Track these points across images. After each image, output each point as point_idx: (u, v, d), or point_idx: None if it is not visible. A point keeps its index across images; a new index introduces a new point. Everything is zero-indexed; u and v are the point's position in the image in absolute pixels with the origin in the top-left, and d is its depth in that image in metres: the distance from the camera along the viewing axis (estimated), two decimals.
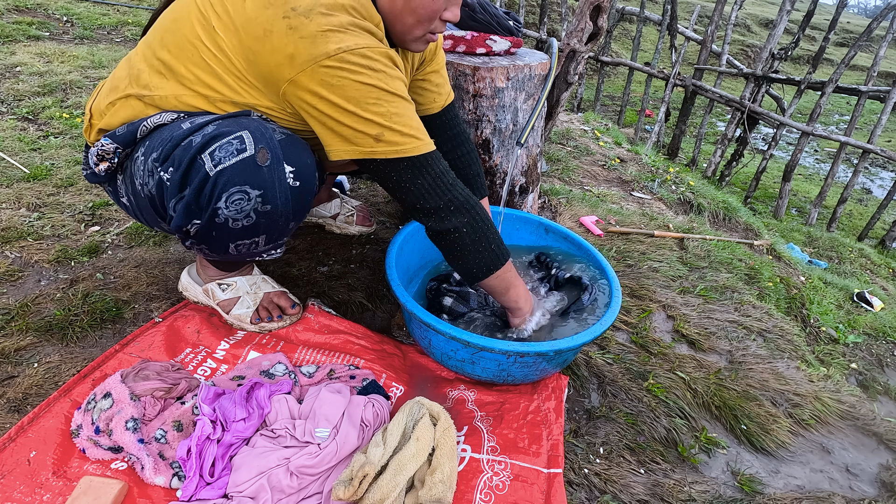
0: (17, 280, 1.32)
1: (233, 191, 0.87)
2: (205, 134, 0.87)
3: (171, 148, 0.89)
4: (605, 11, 1.61)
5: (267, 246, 1.00)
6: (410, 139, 0.93)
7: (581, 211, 2.05)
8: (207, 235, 0.93)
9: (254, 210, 0.90)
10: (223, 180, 0.86)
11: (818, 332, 1.76)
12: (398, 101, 0.91)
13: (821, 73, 8.95)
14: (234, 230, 0.92)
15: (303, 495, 0.87)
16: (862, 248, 3.48)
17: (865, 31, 3.65)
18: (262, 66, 0.88)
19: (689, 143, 5.71)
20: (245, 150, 0.86)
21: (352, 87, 0.86)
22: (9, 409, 0.99)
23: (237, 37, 0.88)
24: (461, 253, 1.03)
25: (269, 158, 0.87)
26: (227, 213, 0.89)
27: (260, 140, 0.87)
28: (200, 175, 0.86)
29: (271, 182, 0.89)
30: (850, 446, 1.21)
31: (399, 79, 0.93)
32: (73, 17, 3.99)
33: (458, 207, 1.00)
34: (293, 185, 0.91)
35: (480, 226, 1.02)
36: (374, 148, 0.91)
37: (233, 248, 0.97)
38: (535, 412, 1.09)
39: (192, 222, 0.90)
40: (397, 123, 0.91)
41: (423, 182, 0.96)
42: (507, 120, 1.43)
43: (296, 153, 0.92)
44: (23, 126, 2.20)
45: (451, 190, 0.99)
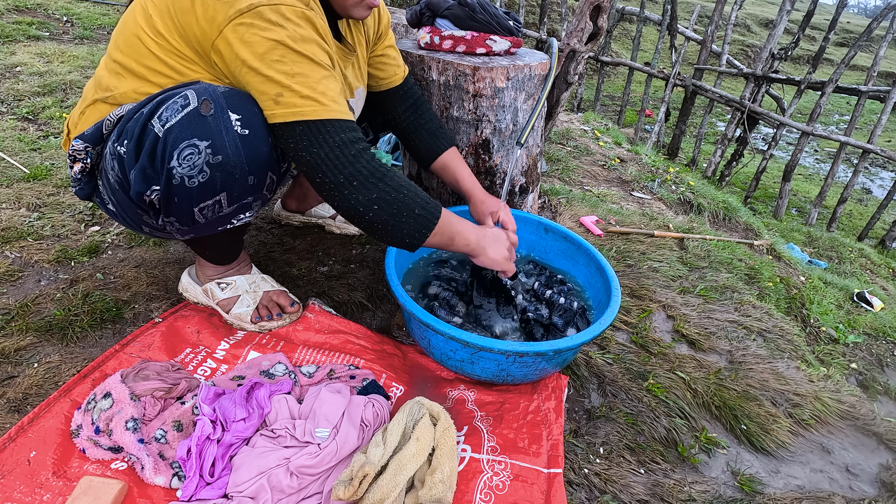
0: (17, 280, 1.32)
1: (182, 146, 0.86)
2: (153, 102, 0.89)
3: (124, 123, 0.91)
4: (605, 11, 1.61)
5: (231, 207, 0.96)
6: (310, 102, 0.89)
7: (581, 211, 2.05)
8: (170, 202, 0.91)
9: (206, 163, 0.88)
10: (172, 137, 0.86)
11: (818, 332, 1.76)
12: (304, 62, 0.89)
13: (821, 73, 8.94)
14: (192, 190, 0.89)
15: (303, 495, 0.87)
16: (862, 248, 3.48)
17: (865, 31, 3.65)
18: (192, 37, 0.90)
19: (689, 143, 5.71)
20: (189, 105, 0.86)
21: (260, 43, 0.86)
22: (9, 409, 0.99)
23: (169, 16, 0.90)
24: (383, 229, 0.97)
25: (212, 108, 0.87)
26: (182, 171, 0.87)
27: (202, 93, 0.87)
28: (151, 138, 0.87)
29: (217, 130, 0.87)
30: (850, 446, 1.21)
31: (314, 41, 0.91)
32: (73, 17, 3.99)
33: (362, 182, 0.92)
34: (241, 132, 0.89)
35: (394, 196, 0.95)
36: (273, 111, 0.89)
37: (198, 215, 0.94)
38: (535, 412, 1.09)
39: (151, 188, 0.90)
40: (299, 83, 0.88)
41: (319, 151, 0.91)
42: (507, 120, 1.43)
43: (240, 102, 0.90)
44: (23, 126, 2.20)
45: (353, 162, 0.91)
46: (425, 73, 1.40)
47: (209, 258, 1.21)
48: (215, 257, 1.21)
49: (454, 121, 1.43)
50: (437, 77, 1.38)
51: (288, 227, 1.69)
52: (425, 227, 0.99)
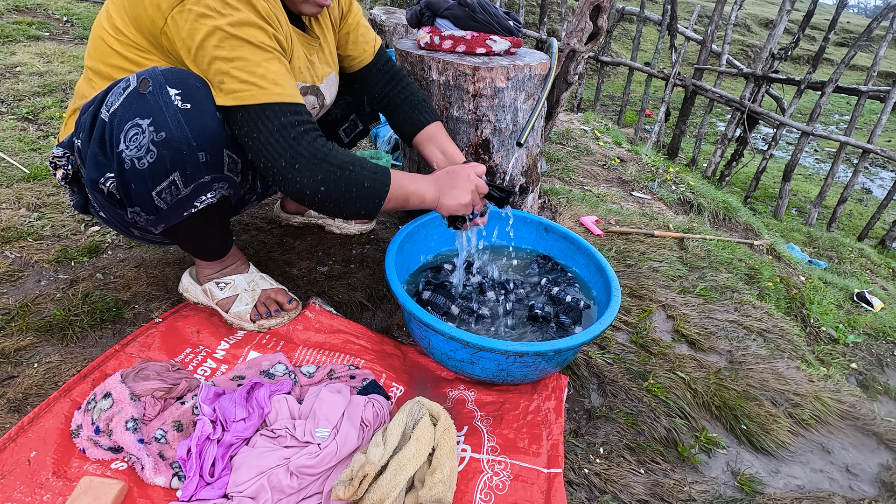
0: (17, 280, 1.32)
1: (127, 127, 0.86)
2: (102, 92, 0.91)
3: (79, 117, 0.93)
4: (605, 11, 1.61)
5: (189, 188, 0.93)
6: (249, 86, 0.89)
7: (581, 211, 2.05)
8: (128, 189, 0.91)
9: (151, 142, 0.87)
10: (116, 120, 0.87)
11: (818, 332, 1.76)
12: (244, 46, 0.88)
13: (821, 73, 8.95)
14: (145, 172, 0.89)
15: (303, 495, 0.87)
16: (862, 248, 3.48)
17: (865, 31, 3.65)
18: (144, 27, 0.92)
19: (689, 143, 5.71)
20: (129, 86, 0.88)
21: (199, 30, 0.87)
22: (9, 409, 0.99)
23: (125, 10, 0.93)
24: (335, 207, 0.97)
25: (150, 85, 0.87)
26: (130, 154, 0.87)
27: (142, 73, 0.88)
28: (99, 124, 0.89)
29: (157, 107, 0.87)
30: (850, 446, 1.21)
31: (253, 24, 0.89)
32: (73, 17, 3.99)
33: (304, 164, 0.92)
34: (182, 106, 0.88)
35: (341, 174, 0.95)
36: (217, 96, 0.90)
37: (158, 199, 0.92)
38: (535, 412, 1.09)
39: (106, 175, 0.90)
40: (238, 68, 0.88)
41: (259, 136, 0.91)
42: (507, 120, 1.43)
43: (180, 77, 0.89)
44: (23, 126, 2.20)
45: (294, 145, 0.91)
46: (425, 73, 1.40)
47: (196, 254, 1.20)
48: (201, 252, 1.19)
49: (454, 121, 1.43)
50: (437, 77, 1.38)
51: (288, 227, 1.69)
52: (377, 197, 1.00)
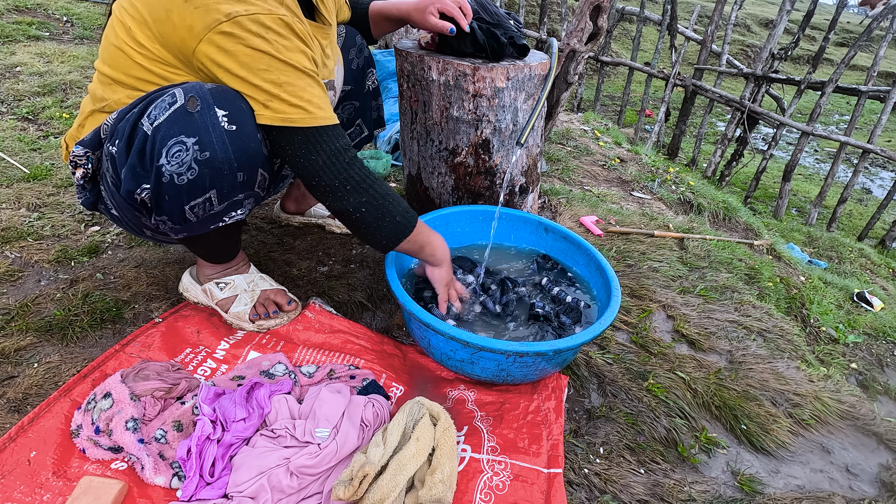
0: (17, 280, 1.32)
1: (171, 143, 0.87)
2: (143, 102, 0.91)
3: (115, 124, 0.92)
4: (605, 11, 1.61)
5: (222, 205, 0.97)
6: (298, 110, 0.93)
7: (581, 211, 2.05)
8: (161, 201, 0.92)
9: (194, 160, 0.88)
10: (160, 135, 0.87)
11: (818, 332, 1.76)
12: (290, 71, 0.92)
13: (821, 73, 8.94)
14: (182, 187, 0.90)
15: (303, 495, 0.87)
16: (862, 248, 3.48)
17: (865, 31, 3.65)
18: (172, 45, 0.92)
19: (689, 143, 5.71)
20: (176, 103, 0.87)
21: (243, 53, 0.89)
22: (9, 409, 0.99)
23: (147, 26, 0.92)
24: (365, 230, 1.06)
25: (199, 104, 0.88)
26: (170, 169, 0.88)
27: (190, 91, 0.88)
28: (140, 136, 0.88)
29: (204, 127, 0.88)
30: (850, 446, 1.21)
31: (297, 49, 0.93)
32: (73, 17, 3.99)
33: (354, 187, 1.01)
34: (228, 128, 0.90)
35: (380, 202, 1.04)
36: (262, 112, 0.93)
37: (189, 213, 0.94)
38: (535, 412, 1.09)
39: (142, 186, 0.90)
40: (287, 93, 0.92)
41: (317, 159, 0.97)
42: (507, 120, 1.43)
43: (227, 98, 0.91)
44: (23, 126, 2.20)
45: (347, 169, 0.99)
46: (425, 72, 1.40)
47: (205, 257, 1.21)
48: (211, 256, 1.21)
49: (454, 121, 1.43)
50: (437, 77, 1.38)
51: (288, 227, 1.69)
52: (401, 234, 1.09)
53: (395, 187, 2.04)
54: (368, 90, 1.47)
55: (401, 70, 1.49)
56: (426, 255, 1.17)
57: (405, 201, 1.09)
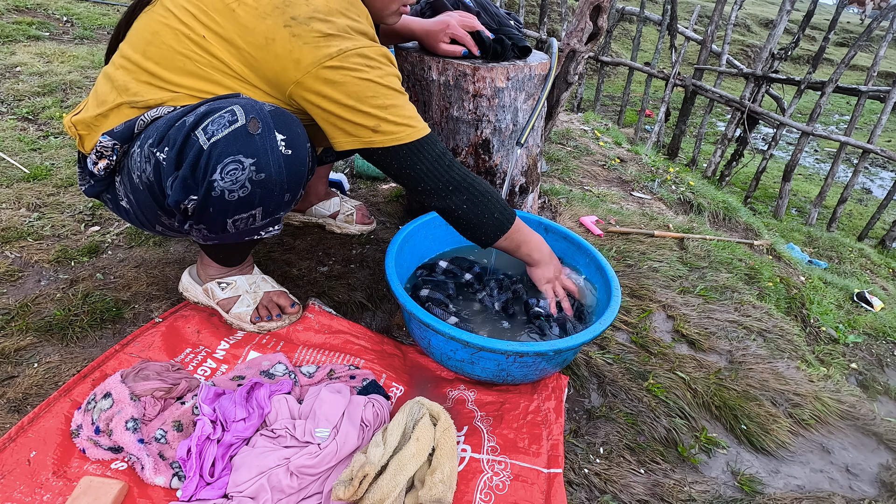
0: (17, 280, 1.32)
1: (227, 161, 0.88)
2: (197, 112, 0.91)
3: (165, 129, 0.92)
4: (605, 11, 1.61)
5: (264, 221, 1.00)
6: (404, 128, 1.00)
7: (581, 211, 2.05)
8: (204, 212, 0.93)
9: (248, 179, 0.90)
10: (217, 152, 0.88)
11: (818, 332, 1.76)
12: (393, 94, 0.98)
13: (821, 73, 8.94)
14: (231, 203, 0.92)
15: (303, 495, 0.87)
16: (862, 248, 3.48)
17: (865, 31, 3.65)
18: (267, 70, 0.95)
19: (689, 143, 5.71)
20: (237, 122, 0.88)
21: (352, 83, 0.94)
22: (9, 409, 0.99)
23: (233, 45, 0.94)
24: (466, 226, 1.12)
25: (260, 127, 0.89)
26: (223, 185, 0.89)
27: (250, 111, 0.89)
28: (195, 149, 0.88)
29: (264, 150, 0.90)
30: (850, 446, 1.21)
31: (393, 74, 1.01)
32: (73, 17, 3.99)
33: (455, 187, 1.07)
34: (285, 152, 0.92)
35: (480, 200, 1.09)
36: (372, 138, 0.99)
37: (230, 225, 0.97)
38: (535, 412, 1.09)
39: (189, 198, 0.91)
40: (392, 114, 0.98)
41: (421, 167, 1.03)
42: (507, 120, 1.43)
43: (286, 122, 0.93)
44: (23, 126, 2.20)
45: (448, 171, 1.05)
46: (425, 73, 1.40)
47: (221, 261, 1.22)
48: (227, 260, 1.22)
49: (454, 121, 1.43)
50: (437, 77, 1.38)
51: (288, 226, 1.69)
52: (500, 230, 1.13)
53: (396, 187, 2.04)
54: None
55: (400, 70, 1.49)
56: (523, 254, 1.21)
57: (504, 200, 1.15)
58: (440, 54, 1.35)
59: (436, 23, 1.33)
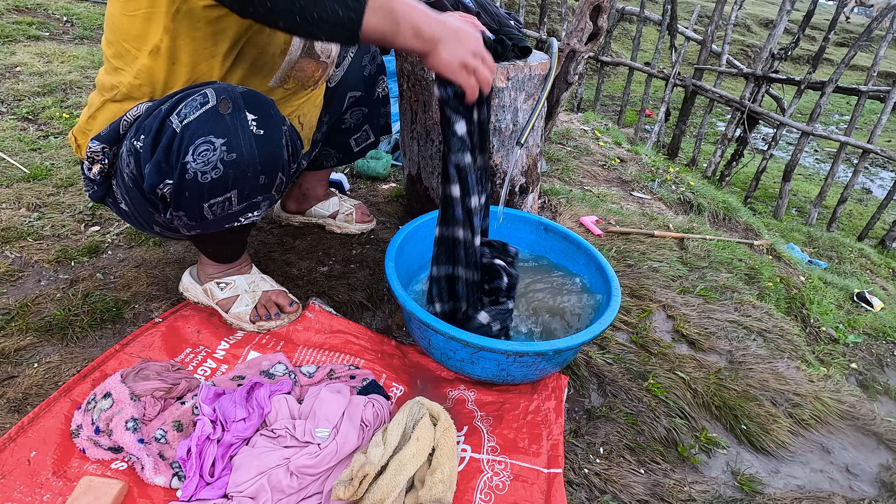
0: (17, 280, 1.32)
1: (198, 142, 0.88)
2: (172, 99, 0.91)
3: (142, 119, 0.93)
4: (605, 11, 1.61)
5: (241, 205, 0.99)
6: None
7: (581, 211, 2.05)
8: (181, 197, 0.93)
9: (220, 160, 0.90)
10: (189, 133, 0.88)
11: (818, 332, 1.76)
12: None
13: (821, 73, 8.93)
14: (205, 185, 0.91)
15: (303, 495, 0.87)
16: (862, 248, 3.48)
17: (865, 31, 3.65)
18: None
19: (689, 143, 5.70)
20: (208, 103, 0.89)
21: None
22: (9, 409, 0.99)
23: None
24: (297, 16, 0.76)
25: (230, 107, 0.89)
26: (195, 167, 0.89)
27: (221, 92, 0.90)
28: (168, 133, 0.89)
29: (234, 129, 0.90)
30: (850, 446, 1.21)
31: None
32: (73, 17, 3.99)
33: None
34: (256, 132, 0.92)
35: None
36: None
37: (207, 210, 0.96)
38: (535, 412, 1.09)
39: (164, 182, 0.91)
40: None
41: None
42: (507, 120, 1.43)
43: (258, 102, 0.93)
44: (23, 126, 2.20)
45: None
46: (425, 72, 1.40)
47: (212, 256, 1.22)
48: (218, 255, 1.22)
49: None
50: None
51: (288, 227, 1.69)
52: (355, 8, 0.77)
53: (396, 187, 2.04)
54: (378, 97, 1.47)
55: (401, 70, 1.49)
56: (406, 35, 0.83)
57: None
58: None
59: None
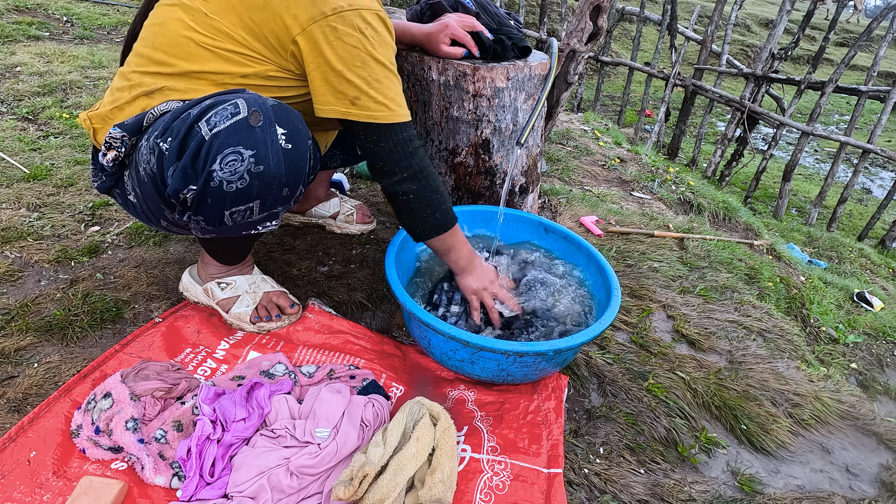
0: (17, 280, 1.32)
1: (227, 152, 0.89)
2: (202, 105, 0.92)
3: (170, 121, 0.94)
4: (605, 11, 1.61)
5: (262, 215, 1.00)
6: (383, 108, 1.00)
7: (581, 211, 2.05)
8: (203, 203, 0.93)
9: (247, 171, 0.91)
10: (218, 142, 0.88)
11: (818, 332, 1.76)
12: (380, 69, 0.99)
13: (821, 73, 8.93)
14: (229, 194, 0.92)
15: (303, 495, 0.87)
16: (862, 248, 3.48)
17: (865, 31, 3.65)
18: (267, 31, 0.97)
19: (689, 143, 5.70)
20: (239, 114, 0.89)
21: (342, 47, 0.95)
22: (9, 409, 0.99)
23: (234, 13, 0.96)
24: (408, 215, 1.12)
25: (261, 120, 0.90)
26: (222, 175, 0.90)
27: (253, 104, 0.91)
28: (196, 140, 0.89)
29: (263, 142, 0.91)
30: (850, 446, 1.21)
31: (389, 45, 1.01)
32: (73, 17, 3.99)
33: (411, 175, 1.07)
34: (285, 146, 0.93)
35: (429, 195, 1.10)
36: (349, 109, 0.99)
37: (228, 217, 0.97)
38: (535, 412, 1.09)
39: (188, 187, 0.92)
40: (375, 90, 0.99)
41: (385, 146, 1.04)
42: (507, 120, 1.43)
43: (287, 117, 0.94)
44: (23, 126, 2.20)
45: (409, 158, 1.05)
46: (425, 73, 1.40)
47: (219, 257, 1.22)
48: (226, 257, 1.22)
49: (454, 121, 1.43)
50: (437, 77, 1.38)
51: (288, 227, 1.69)
52: (438, 230, 1.14)
53: None
54: None
55: (400, 70, 1.49)
56: (451, 259, 1.20)
57: (451, 204, 1.15)
58: (441, 56, 1.35)
59: (435, 25, 1.33)
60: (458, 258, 1.20)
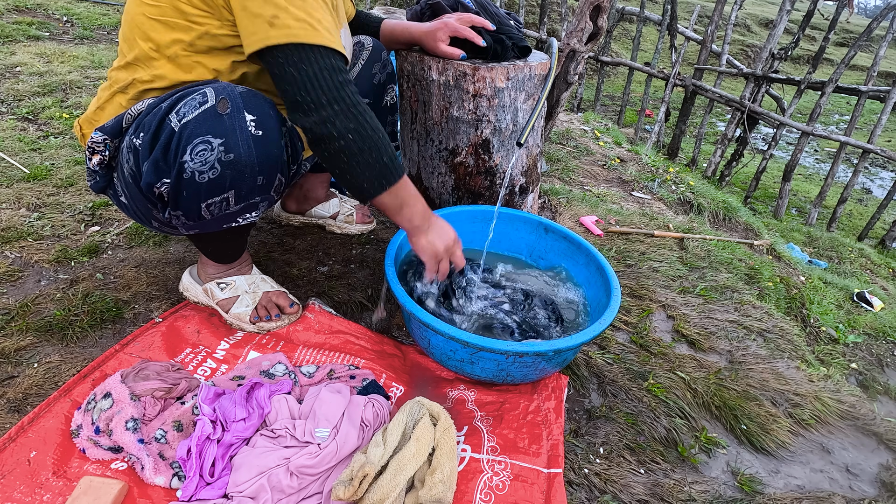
0: (17, 280, 1.32)
1: (196, 142, 0.88)
2: (172, 97, 0.92)
3: (143, 117, 0.93)
4: (605, 11, 1.61)
5: (238, 206, 0.98)
6: (305, 25, 0.88)
7: (581, 211, 2.05)
8: (178, 196, 0.93)
9: (217, 160, 0.90)
10: (187, 133, 0.88)
11: (818, 332, 1.76)
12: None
13: (821, 73, 8.93)
14: (202, 185, 0.91)
15: (303, 495, 0.87)
16: (862, 248, 3.48)
17: (865, 31, 3.65)
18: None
19: (689, 143, 5.71)
20: (207, 102, 0.89)
21: None
22: (9, 409, 0.99)
23: None
24: (347, 164, 0.94)
25: (229, 107, 0.89)
26: (193, 166, 0.89)
27: (221, 92, 0.90)
28: (167, 132, 0.89)
29: (232, 129, 0.89)
30: (850, 446, 1.21)
31: None
32: (73, 17, 3.99)
33: (344, 109, 0.91)
34: (255, 133, 0.91)
35: (371, 134, 0.93)
36: (268, 33, 0.87)
37: (205, 210, 0.96)
38: (535, 412, 1.09)
39: (162, 180, 0.92)
40: (295, 6, 0.87)
41: (308, 70, 0.89)
42: (507, 120, 1.43)
43: (257, 103, 0.93)
44: (23, 126, 2.20)
45: (339, 88, 0.90)
46: (425, 72, 1.40)
47: (211, 255, 1.22)
48: (218, 255, 1.22)
49: (454, 121, 1.43)
50: (437, 77, 1.38)
51: (288, 227, 1.69)
52: (386, 180, 0.97)
53: None
54: (386, 105, 1.47)
55: (401, 70, 1.49)
56: (404, 217, 1.05)
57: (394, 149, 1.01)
58: (439, 55, 1.35)
59: (434, 23, 1.33)
60: (413, 215, 1.05)
